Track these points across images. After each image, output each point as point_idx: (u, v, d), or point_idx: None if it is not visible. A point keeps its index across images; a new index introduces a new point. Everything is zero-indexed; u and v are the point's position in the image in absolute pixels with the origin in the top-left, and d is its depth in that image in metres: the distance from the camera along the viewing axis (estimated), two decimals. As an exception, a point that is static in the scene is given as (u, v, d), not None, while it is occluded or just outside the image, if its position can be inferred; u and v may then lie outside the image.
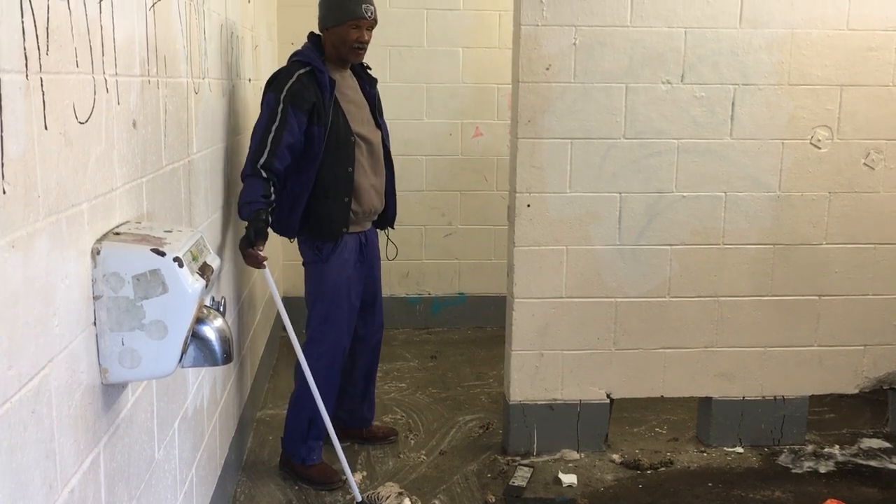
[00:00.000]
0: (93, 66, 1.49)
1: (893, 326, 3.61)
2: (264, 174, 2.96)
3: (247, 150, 3.05)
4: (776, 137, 3.42)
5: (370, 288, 3.42)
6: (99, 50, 1.52)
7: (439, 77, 5.08)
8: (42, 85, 1.25)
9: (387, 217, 3.45)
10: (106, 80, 1.57)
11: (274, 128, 2.99)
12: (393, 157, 3.44)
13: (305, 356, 3.20)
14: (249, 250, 2.96)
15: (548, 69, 3.26)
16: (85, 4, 1.45)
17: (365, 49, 3.20)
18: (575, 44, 3.28)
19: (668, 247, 3.46)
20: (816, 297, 3.56)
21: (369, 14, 3.14)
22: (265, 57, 4.39)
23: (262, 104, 3.10)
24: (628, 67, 3.32)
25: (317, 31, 3.26)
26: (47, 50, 1.27)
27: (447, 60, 5.10)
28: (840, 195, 3.49)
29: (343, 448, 3.19)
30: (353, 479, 3.11)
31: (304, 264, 3.29)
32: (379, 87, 3.42)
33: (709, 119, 3.39)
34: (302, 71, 3.06)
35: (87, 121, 1.46)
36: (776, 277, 3.52)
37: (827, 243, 3.52)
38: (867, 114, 3.45)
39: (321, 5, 3.21)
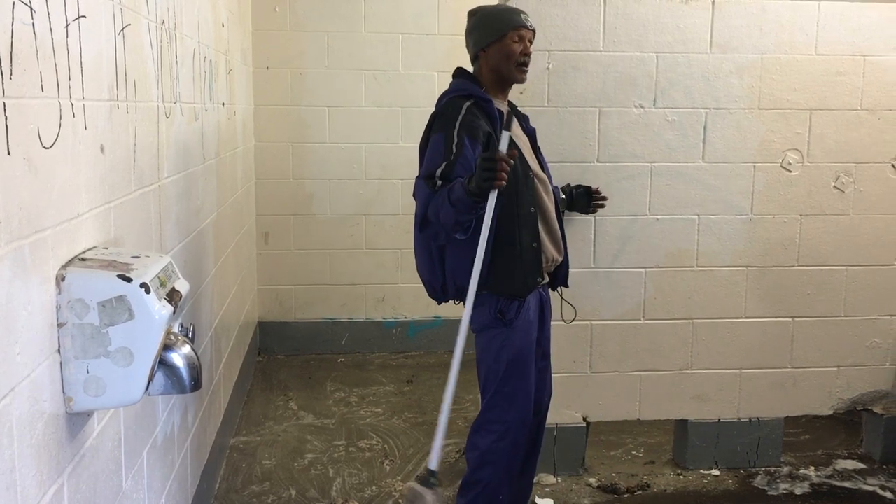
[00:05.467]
0: (59, 90, 1.47)
1: (866, 348, 3.65)
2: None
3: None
4: (748, 161, 3.46)
5: (544, 350, 2.92)
6: (65, 74, 1.51)
7: (415, 101, 5.09)
8: (5, 109, 1.23)
9: (560, 272, 2.92)
10: (73, 105, 1.55)
11: (444, 164, 2.57)
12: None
13: (482, 437, 2.77)
14: (497, 155, 2.40)
15: (521, 93, 3.27)
16: (51, 28, 1.43)
17: (527, 67, 2.77)
18: (548, 68, 3.31)
19: (643, 269, 3.48)
20: (790, 319, 3.59)
21: (530, 24, 2.76)
22: (239, 81, 4.38)
23: (427, 149, 2.69)
24: (601, 91, 3.35)
25: (462, 67, 2.85)
26: (10, 74, 1.25)
27: (422, 84, 5.12)
28: (811, 217, 3.53)
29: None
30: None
31: (475, 331, 2.78)
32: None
33: (681, 142, 3.42)
34: (469, 103, 2.67)
35: (52, 146, 1.44)
36: (749, 299, 3.55)
37: (799, 265, 3.56)
38: (836, 137, 3.49)
39: (472, 31, 2.81)
